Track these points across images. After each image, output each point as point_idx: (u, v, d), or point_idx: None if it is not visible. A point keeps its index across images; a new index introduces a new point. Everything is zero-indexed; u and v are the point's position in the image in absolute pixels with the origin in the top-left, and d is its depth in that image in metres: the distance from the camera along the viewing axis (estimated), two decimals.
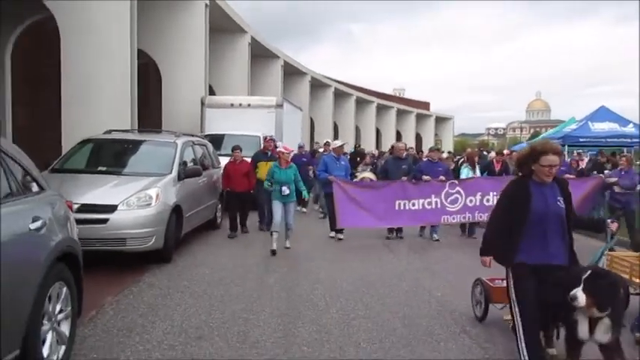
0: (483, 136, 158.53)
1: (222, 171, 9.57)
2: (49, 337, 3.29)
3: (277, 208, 7.90)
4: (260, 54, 26.69)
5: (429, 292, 5.92)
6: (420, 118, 58.83)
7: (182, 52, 18.37)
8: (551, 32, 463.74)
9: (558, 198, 3.64)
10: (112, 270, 6.26)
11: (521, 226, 3.57)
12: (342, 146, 9.73)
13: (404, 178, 8.94)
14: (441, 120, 63.75)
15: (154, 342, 4.18)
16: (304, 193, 8.73)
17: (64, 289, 3.51)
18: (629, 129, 15.71)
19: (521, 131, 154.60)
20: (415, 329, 4.69)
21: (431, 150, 10.38)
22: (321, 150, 14.50)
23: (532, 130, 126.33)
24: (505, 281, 3.83)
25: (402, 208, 8.70)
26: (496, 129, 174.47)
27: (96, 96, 12.65)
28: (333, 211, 8.85)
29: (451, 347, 4.31)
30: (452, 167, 10.89)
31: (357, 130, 46.35)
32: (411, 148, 19.68)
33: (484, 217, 8.71)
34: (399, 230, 9.31)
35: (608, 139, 15.79)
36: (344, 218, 8.55)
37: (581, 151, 17.61)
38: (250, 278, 6.31)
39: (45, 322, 3.23)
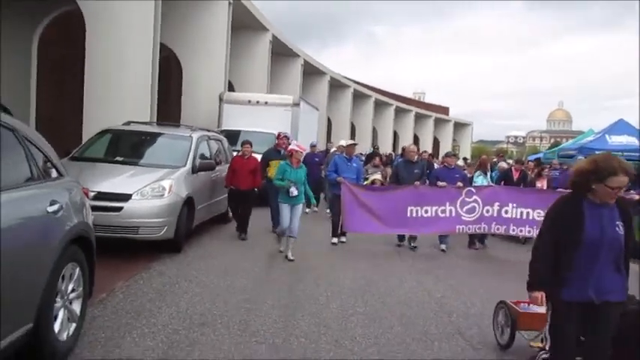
0: (502, 143, 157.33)
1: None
2: (61, 314, 3.51)
3: (286, 211, 7.37)
4: (280, 52, 26.92)
5: (429, 294, 6.05)
6: (439, 122, 58.66)
7: (204, 47, 18.67)
8: (576, 42, 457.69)
9: (617, 222, 3.11)
10: (124, 257, 6.48)
11: (570, 254, 3.08)
12: (353, 145, 9.30)
13: (417, 183, 8.57)
14: (459, 125, 63.46)
15: (159, 325, 4.39)
16: (312, 199, 8.25)
17: (77, 270, 3.72)
18: None
19: (541, 140, 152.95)
20: (412, 328, 4.83)
21: (447, 155, 9.63)
22: (332, 150, 14.17)
23: (552, 140, 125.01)
24: (533, 304, 3.47)
25: (413, 215, 8.31)
26: (516, 137, 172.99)
27: (117, 88, 12.96)
28: (338, 215, 8.51)
29: (444, 347, 4.45)
30: (470, 175, 10.13)
31: (375, 131, 46.40)
32: (425, 151, 19.23)
33: (501, 229, 8.52)
34: (413, 239, 8.81)
35: (625, 153, 15.62)
36: (350, 222, 8.27)
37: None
38: (255, 272, 6.50)
39: (58, 299, 3.44)
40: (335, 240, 8.70)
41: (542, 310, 3.52)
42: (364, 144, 32.65)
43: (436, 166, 14.36)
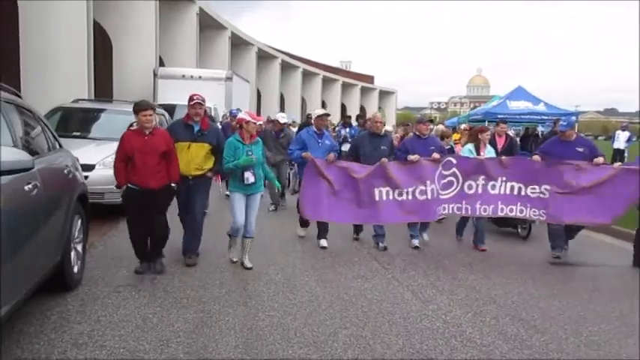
0: (426, 109, 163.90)
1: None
2: (73, 254, 4.59)
3: (239, 203, 5.60)
4: (208, 25, 27.32)
5: (369, 252, 7.51)
6: (365, 91, 60.74)
7: (134, 23, 19.00)
8: (494, 8, 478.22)
9: None
10: (91, 219, 7.41)
11: None
12: (325, 116, 7.21)
13: (384, 160, 6.64)
14: (384, 94, 65.94)
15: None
16: (275, 181, 6.35)
17: (79, 221, 4.80)
18: (540, 107, 17.96)
19: (462, 106, 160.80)
20: (339, 258, 6.26)
21: (420, 122, 7.43)
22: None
23: (472, 105, 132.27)
24: None
25: (383, 198, 6.57)
26: (439, 103, 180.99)
27: (54, 66, 13.36)
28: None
29: (363, 267, 5.92)
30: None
31: (303, 102, 47.63)
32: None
33: (488, 209, 6.70)
34: (379, 237, 6.86)
35: (523, 116, 17.95)
36: (310, 208, 6.63)
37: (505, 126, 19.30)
38: (207, 223, 7.65)
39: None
40: (302, 233, 7.26)
41: None
42: (294, 114, 33.84)
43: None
